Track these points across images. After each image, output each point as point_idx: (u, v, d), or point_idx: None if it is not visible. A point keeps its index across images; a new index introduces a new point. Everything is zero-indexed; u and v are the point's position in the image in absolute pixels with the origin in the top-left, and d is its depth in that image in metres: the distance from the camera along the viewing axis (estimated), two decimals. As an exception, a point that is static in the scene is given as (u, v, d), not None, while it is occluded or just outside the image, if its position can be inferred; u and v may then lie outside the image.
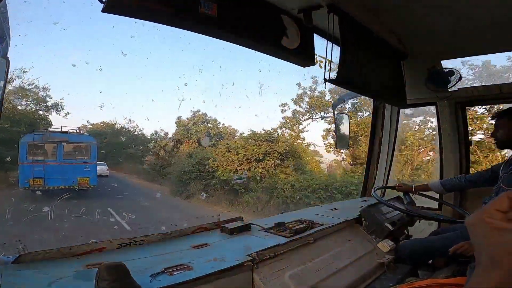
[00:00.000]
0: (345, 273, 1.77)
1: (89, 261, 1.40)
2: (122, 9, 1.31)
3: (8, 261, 1.33)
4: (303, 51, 2.14)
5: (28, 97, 23.04)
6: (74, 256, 1.47)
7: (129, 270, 1.15)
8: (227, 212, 15.66)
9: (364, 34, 2.31)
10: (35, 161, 15.31)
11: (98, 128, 30.87)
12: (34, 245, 7.57)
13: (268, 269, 1.55)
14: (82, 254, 1.49)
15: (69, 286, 1.17)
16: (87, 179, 16.64)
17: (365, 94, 2.84)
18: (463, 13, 2.14)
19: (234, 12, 1.69)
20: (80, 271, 1.30)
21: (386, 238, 2.27)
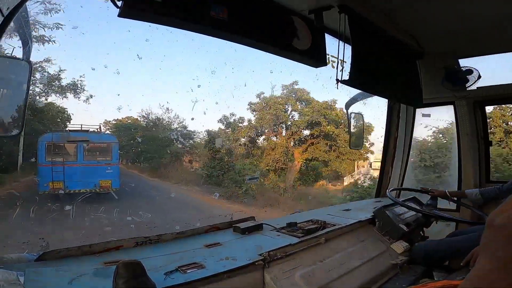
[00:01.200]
0: (357, 274, 1.76)
1: (107, 259, 1.46)
2: (137, 13, 1.36)
3: (32, 259, 1.41)
4: (314, 52, 2.14)
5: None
6: (93, 254, 1.53)
7: (145, 268, 1.20)
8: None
9: (376, 34, 2.28)
10: (55, 162, 14.10)
11: (126, 122, 26.26)
12: (56, 242, 7.79)
13: (279, 268, 1.57)
14: (101, 252, 1.55)
15: (89, 283, 1.23)
16: (109, 181, 15.22)
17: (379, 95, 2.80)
18: (481, 10, 2.09)
19: (245, 14, 1.71)
20: (99, 268, 1.35)
21: (401, 239, 2.24)
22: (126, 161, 26.90)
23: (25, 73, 1.48)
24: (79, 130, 16.25)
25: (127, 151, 25.37)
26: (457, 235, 2.37)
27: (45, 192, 13.61)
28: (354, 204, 3.10)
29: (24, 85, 1.49)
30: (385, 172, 3.45)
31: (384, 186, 3.41)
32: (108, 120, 25.44)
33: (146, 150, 24.42)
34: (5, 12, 1.15)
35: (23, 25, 1.43)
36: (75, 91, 19.92)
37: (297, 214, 2.60)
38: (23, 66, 1.49)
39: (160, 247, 1.69)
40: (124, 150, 24.55)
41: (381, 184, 3.46)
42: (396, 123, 3.44)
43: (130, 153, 25.71)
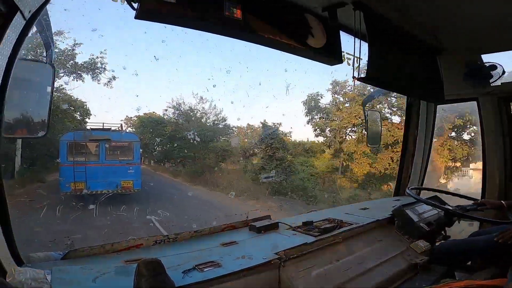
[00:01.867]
0: (374, 273, 1.74)
1: (128, 257, 1.51)
2: (153, 15, 1.40)
3: (58, 257, 1.48)
4: (329, 50, 2.12)
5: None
6: (115, 252, 1.59)
7: (164, 266, 1.23)
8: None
9: (393, 30, 2.23)
10: (77, 162, 13.67)
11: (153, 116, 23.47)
12: (79, 241, 8.04)
13: (295, 267, 1.58)
14: (122, 250, 1.61)
15: (111, 281, 1.28)
16: (131, 182, 14.61)
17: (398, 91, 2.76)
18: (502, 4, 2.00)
19: (258, 13, 1.71)
20: (120, 266, 1.40)
21: (421, 239, 2.19)
22: (149, 161, 25.28)
23: (49, 76, 1.55)
24: (101, 129, 15.86)
25: (151, 150, 23.74)
26: (481, 235, 2.29)
27: (67, 193, 13.28)
28: (372, 203, 3.05)
29: (48, 88, 1.56)
30: (404, 170, 3.36)
31: (403, 185, 3.33)
32: (130, 116, 23.99)
33: (180, 148, 21.21)
34: (27, 15, 1.20)
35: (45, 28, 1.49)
36: (93, 71, 17.45)
37: (313, 213, 2.58)
38: (47, 69, 1.56)
39: (178, 246, 1.73)
40: (148, 149, 23.17)
41: (400, 183, 3.38)
42: (415, 120, 3.35)
43: (157, 151, 23.89)
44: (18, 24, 1.17)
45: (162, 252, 1.62)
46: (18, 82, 1.31)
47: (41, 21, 1.39)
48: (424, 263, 1.96)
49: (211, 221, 10.97)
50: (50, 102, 1.59)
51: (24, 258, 1.38)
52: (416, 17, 2.28)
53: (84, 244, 1.66)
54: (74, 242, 7.35)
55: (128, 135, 16.39)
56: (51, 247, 7.16)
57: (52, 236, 8.24)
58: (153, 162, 25.41)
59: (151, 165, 25.43)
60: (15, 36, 1.19)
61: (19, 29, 1.20)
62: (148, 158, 24.89)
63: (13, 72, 1.22)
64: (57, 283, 1.20)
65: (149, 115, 23.21)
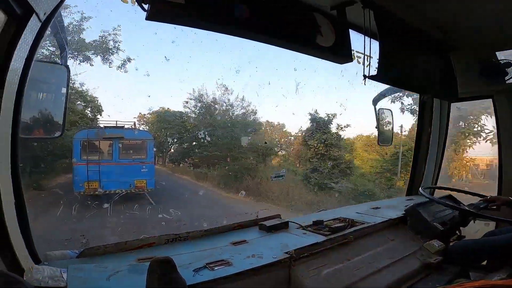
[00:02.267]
0: (386, 273, 1.72)
1: (140, 255, 1.54)
2: (163, 16, 1.41)
3: (74, 256, 1.52)
4: (339, 48, 2.10)
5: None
6: (128, 250, 1.62)
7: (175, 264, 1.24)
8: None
9: (403, 28, 2.21)
10: (90, 161, 13.28)
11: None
12: (95, 239, 8.15)
13: (305, 266, 1.57)
14: (135, 249, 1.64)
15: (125, 279, 1.30)
16: (144, 181, 14.18)
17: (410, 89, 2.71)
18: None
19: (266, 13, 1.72)
20: (133, 264, 1.43)
21: (435, 239, 2.15)
22: (163, 160, 23.76)
23: (64, 77, 1.59)
24: (114, 127, 15.29)
25: (166, 149, 22.19)
26: (496, 235, 2.23)
27: (80, 192, 12.97)
28: (384, 202, 3.00)
29: (63, 89, 1.60)
30: (417, 169, 3.31)
31: (416, 184, 3.27)
32: (143, 113, 22.32)
33: (204, 146, 18.49)
34: (42, 17, 1.22)
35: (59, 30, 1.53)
36: (104, 54, 15.55)
37: (323, 212, 2.57)
38: (62, 70, 1.60)
39: (189, 244, 1.75)
40: (164, 148, 21.88)
41: (413, 182, 3.32)
42: (429, 118, 3.29)
43: (174, 150, 22.05)
44: (34, 26, 1.20)
45: (174, 250, 1.64)
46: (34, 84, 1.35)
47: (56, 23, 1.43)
48: (437, 263, 1.92)
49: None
50: (65, 103, 1.63)
51: (41, 256, 1.42)
52: (427, 14, 2.24)
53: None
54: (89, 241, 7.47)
55: (142, 133, 15.99)
56: (67, 245, 7.31)
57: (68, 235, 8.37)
58: (170, 162, 23.56)
59: (167, 165, 23.77)
60: (31, 38, 1.22)
61: (35, 31, 1.23)
62: (163, 157, 23.74)
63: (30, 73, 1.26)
64: (73, 281, 1.23)
65: (165, 110, 21.39)
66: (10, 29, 1.11)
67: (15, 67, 1.17)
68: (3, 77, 1.11)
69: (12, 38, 1.12)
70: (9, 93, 1.17)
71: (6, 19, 1.08)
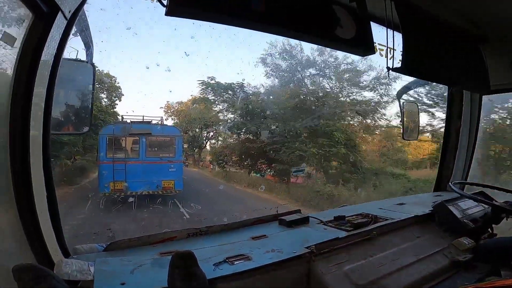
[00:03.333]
0: (412, 270, 1.65)
1: (162, 249, 1.57)
2: (182, 11, 1.42)
3: (101, 249, 1.58)
4: (360, 40, 2.04)
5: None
6: (151, 244, 1.66)
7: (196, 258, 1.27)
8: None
9: (428, 19, 2.12)
10: (116, 159, 12.25)
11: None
12: (120, 233, 8.29)
13: (326, 262, 1.55)
14: (158, 243, 1.68)
15: (148, 273, 1.34)
16: (172, 182, 13.06)
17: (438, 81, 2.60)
18: None
19: (284, 6, 1.69)
20: (156, 258, 1.46)
21: (464, 236, 2.05)
22: (195, 159, 21.65)
23: (90, 75, 1.65)
24: (141, 122, 14.27)
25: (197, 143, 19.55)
26: None
27: (105, 193, 12.15)
28: (409, 198, 2.90)
29: (89, 86, 1.67)
30: (446, 164, 3.17)
31: (444, 180, 3.14)
32: (170, 102, 20.68)
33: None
34: (67, 15, 1.26)
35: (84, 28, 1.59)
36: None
37: (345, 208, 2.52)
38: (88, 68, 1.66)
39: (210, 239, 1.77)
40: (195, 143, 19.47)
41: (441, 178, 3.18)
42: (458, 111, 3.15)
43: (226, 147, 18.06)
44: (60, 24, 1.24)
45: (194, 244, 1.67)
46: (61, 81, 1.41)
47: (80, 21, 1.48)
48: (467, 260, 1.83)
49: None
50: (92, 99, 1.70)
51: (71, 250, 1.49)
52: (453, 5, 2.14)
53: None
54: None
55: (170, 128, 14.90)
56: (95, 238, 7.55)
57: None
58: (216, 163, 19.67)
59: (202, 165, 21.29)
60: (58, 35, 1.26)
61: (61, 29, 1.27)
62: (193, 155, 20.76)
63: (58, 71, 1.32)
64: (99, 275, 1.27)
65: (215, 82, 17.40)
66: (38, 27, 1.15)
67: (45, 65, 1.22)
68: (34, 75, 1.16)
69: (40, 36, 1.16)
70: (40, 91, 1.22)
71: (33, 17, 1.12)
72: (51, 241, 1.31)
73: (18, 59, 1.13)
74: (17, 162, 1.16)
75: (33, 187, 1.20)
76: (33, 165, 1.21)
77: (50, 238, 1.31)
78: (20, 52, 1.13)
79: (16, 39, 1.09)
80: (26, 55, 1.14)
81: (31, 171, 1.19)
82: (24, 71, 1.15)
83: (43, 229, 1.25)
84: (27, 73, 1.15)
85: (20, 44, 1.12)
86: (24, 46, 1.13)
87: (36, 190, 1.22)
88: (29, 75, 1.16)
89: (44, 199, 1.30)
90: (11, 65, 1.12)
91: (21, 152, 1.17)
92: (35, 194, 1.21)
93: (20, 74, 1.14)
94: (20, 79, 1.14)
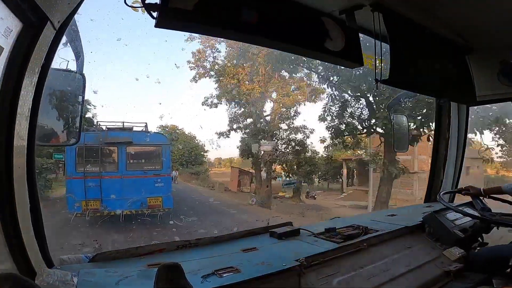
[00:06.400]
0: (402, 281, 1.65)
1: (150, 261, 1.54)
2: (171, 23, 1.44)
3: (86, 260, 1.54)
4: (349, 53, 2.08)
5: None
6: (138, 256, 1.63)
7: (184, 270, 1.25)
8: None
9: (415, 31, 2.17)
10: (89, 174, 10.35)
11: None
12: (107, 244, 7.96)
13: (316, 274, 1.54)
14: (145, 254, 1.65)
15: (134, 284, 1.31)
16: (159, 199, 11.22)
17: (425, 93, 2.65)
18: None
19: (275, 18, 1.72)
20: (142, 270, 1.43)
21: (455, 246, 2.06)
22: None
23: (80, 85, 1.64)
24: (120, 129, 11.97)
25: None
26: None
27: (76, 214, 10.21)
28: (400, 210, 2.92)
29: (79, 97, 1.66)
30: (436, 175, 3.21)
31: (434, 190, 3.16)
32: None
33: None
34: (56, 25, 1.25)
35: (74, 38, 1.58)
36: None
37: (336, 220, 2.52)
38: (77, 78, 1.64)
39: (199, 251, 1.75)
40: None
41: (431, 189, 3.21)
42: (446, 122, 3.20)
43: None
44: (49, 34, 1.23)
45: (183, 256, 1.64)
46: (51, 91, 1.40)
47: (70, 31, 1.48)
48: (458, 270, 1.83)
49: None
50: (81, 111, 1.69)
51: (55, 260, 1.44)
52: (440, 16, 2.20)
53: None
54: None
55: (155, 136, 12.63)
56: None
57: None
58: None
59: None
60: (46, 45, 1.25)
61: (50, 39, 1.26)
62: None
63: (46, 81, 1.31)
64: (83, 285, 1.24)
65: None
66: (26, 36, 1.14)
67: (31, 75, 1.21)
68: (20, 85, 1.15)
69: (28, 45, 1.15)
70: (26, 101, 1.21)
71: (21, 26, 1.12)
72: (33, 251, 1.27)
73: (4, 69, 1.11)
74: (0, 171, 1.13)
75: (15, 197, 1.17)
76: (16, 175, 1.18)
77: (32, 248, 1.27)
78: (7, 62, 1.11)
79: (3, 49, 1.08)
80: (13, 65, 1.13)
81: (14, 180, 1.16)
82: (10, 81, 1.13)
83: (25, 239, 1.21)
84: (13, 83, 1.14)
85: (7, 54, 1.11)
86: (11, 56, 1.12)
87: (18, 199, 1.19)
88: (15, 85, 1.14)
89: (27, 209, 1.27)
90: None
91: (5, 162, 1.14)
92: (17, 204, 1.18)
93: (6, 84, 1.12)
94: (7, 88, 1.13)
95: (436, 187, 3.18)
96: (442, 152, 3.21)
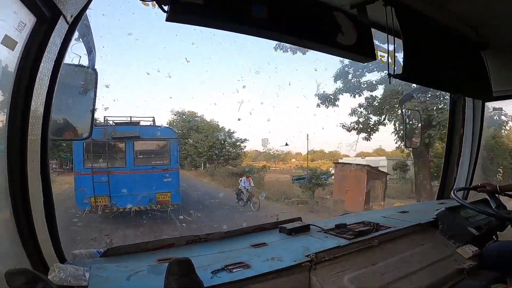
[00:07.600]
0: (414, 278, 1.62)
1: (160, 256, 1.55)
2: (182, 17, 1.44)
3: (98, 255, 1.57)
4: (361, 47, 2.05)
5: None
6: (148, 250, 1.65)
7: (194, 265, 1.26)
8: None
9: (428, 26, 2.13)
10: (96, 170, 10.25)
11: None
12: (119, 239, 7.99)
13: (326, 270, 1.52)
14: (155, 249, 1.67)
15: (144, 279, 1.32)
16: (168, 194, 11.02)
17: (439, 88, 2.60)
18: None
19: (285, 13, 1.70)
20: (153, 265, 1.44)
21: (469, 244, 2.02)
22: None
23: (92, 80, 1.65)
24: (127, 123, 11.81)
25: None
26: None
27: (85, 210, 10.06)
28: (412, 206, 2.87)
29: (91, 92, 1.67)
30: (449, 172, 3.15)
31: (448, 187, 3.10)
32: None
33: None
34: (69, 19, 1.26)
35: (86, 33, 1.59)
36: None
37: (346, 216, 2.49)
38: (89, 73, 1.65)
39: (209, 246, 1.75)
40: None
41: (444, 185, 3.16)
42: (461, 119, 3.14)
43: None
44: (62, 28, 1.24)
45: (193, 251, 1.65)
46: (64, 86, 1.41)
47: (83, 26, 1.49)
48: (472, 268, 1.79)
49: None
50: (93, 105, 1.70)
51: (68, 255, 1.47)
52: (454, 11, 2.15)
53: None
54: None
55: (163, 130, 12.17)
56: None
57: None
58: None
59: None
60: (60, 40, 1.26)
61: (63, 33, 1.27)
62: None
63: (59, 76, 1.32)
64: (94, 280, 1.26)
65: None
66: (40, 31, 1.15)
67: (45, 69, 1.22)
68: (33, 79, 1.16)
69: (42, 40, 1.16)
70: (39, 95, 1.22)
71: (35, 21, 1.13)
72: (46, 246, 1.30)
73: (18, 62, 1.13)
74: (14, 166, 1.15)
75: (29, 192, 1.19)
76: (30, 169, 1.20)
77: (45, 243, 1.29)
78: (21, 56, 1.13)
79: (17, 43, 1.09)
80: (27, 59, 1.14)
81: (28, 175, 1.18)
82: (24, 75, 1.15)
83: (39, 234, 1.23)
84: (27, 77, 1.15)
85: (21, 48, 1.12)
86: (25, 50, 1.13)
87: (32, 194, 1.21)
88: (29, 79, 1.16)
89: (41, 204, 1.29)
90: (12, 69, 1.12)
91: (19, 156, 1.16)
92: (31, 199, 1.20)
93: (20, 78, 1.14)
94: (20, 82, 1.14)
95: (449, 183, 3.12)
96: (456, 149, 3.16)
